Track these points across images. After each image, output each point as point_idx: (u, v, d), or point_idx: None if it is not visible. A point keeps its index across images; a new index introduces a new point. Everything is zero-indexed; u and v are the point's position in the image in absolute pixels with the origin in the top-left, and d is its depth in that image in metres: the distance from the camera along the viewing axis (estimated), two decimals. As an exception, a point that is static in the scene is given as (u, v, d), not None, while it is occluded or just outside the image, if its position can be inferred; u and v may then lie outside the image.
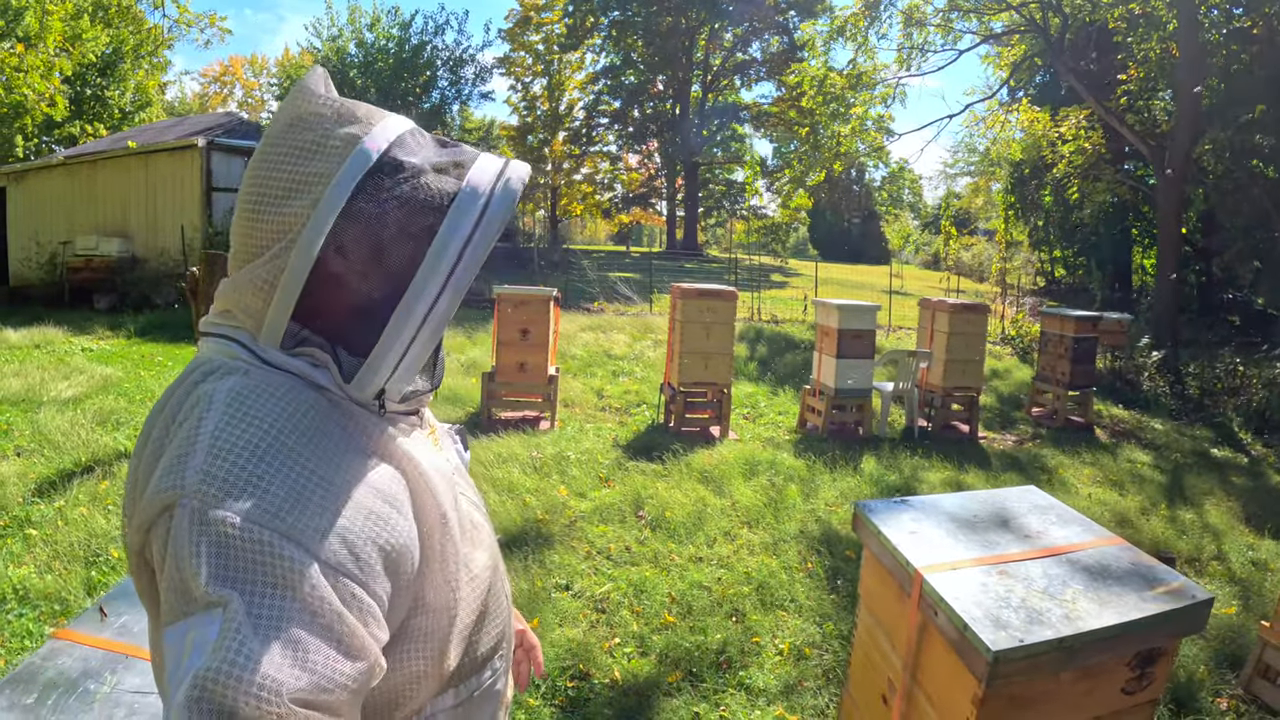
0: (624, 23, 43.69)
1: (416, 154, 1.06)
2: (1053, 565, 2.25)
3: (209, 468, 0.88)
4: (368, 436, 1.04)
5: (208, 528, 0.84)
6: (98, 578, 4.66)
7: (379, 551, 0.95)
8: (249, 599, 0.82)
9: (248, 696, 0.78)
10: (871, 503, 2.59)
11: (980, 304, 9.85)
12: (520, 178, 1.09)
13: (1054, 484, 7.83)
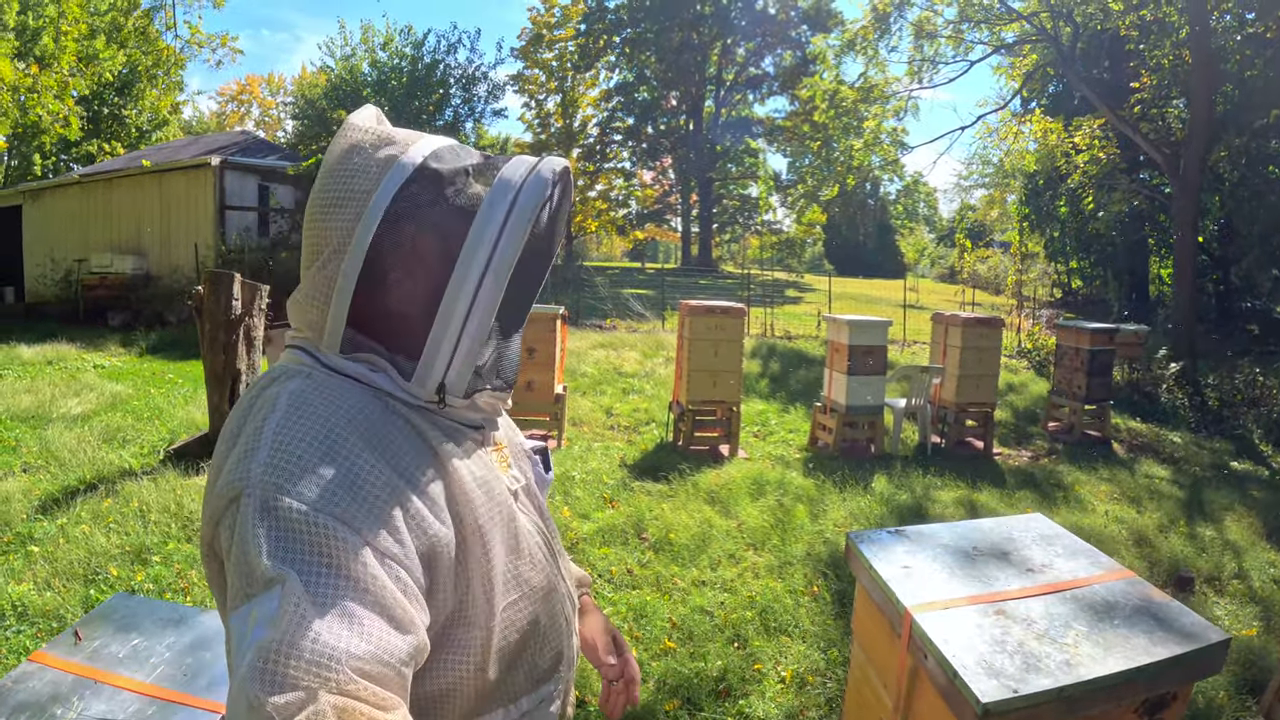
0: (637, 39, 43.82)
1: (452, 163, 1.15)
2: (1055, 603, 2.10)
3: (271, 460, 0.97)
4: (421, 439, 1.12)
5: (269, 514, 0.93)
6: (96, 596, 4.64)
7: (418, 546, 1.02)
8: (306, 576, 0.89)
9: (310, 664, 0.84)
10: (864, 533, 2.47)
11: (994, 318, 9.73)
12: (552, 168, 1.17)
13: (1070, 501, 7.68)
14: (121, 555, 5.22)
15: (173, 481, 6.59)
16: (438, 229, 1.11)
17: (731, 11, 43.70)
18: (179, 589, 4.80)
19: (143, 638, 2.34)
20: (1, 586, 4.68)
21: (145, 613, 2.50)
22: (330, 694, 0.83)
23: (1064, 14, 17.86)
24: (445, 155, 1.16)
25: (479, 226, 1.10)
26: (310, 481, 0.95)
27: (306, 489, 0.94)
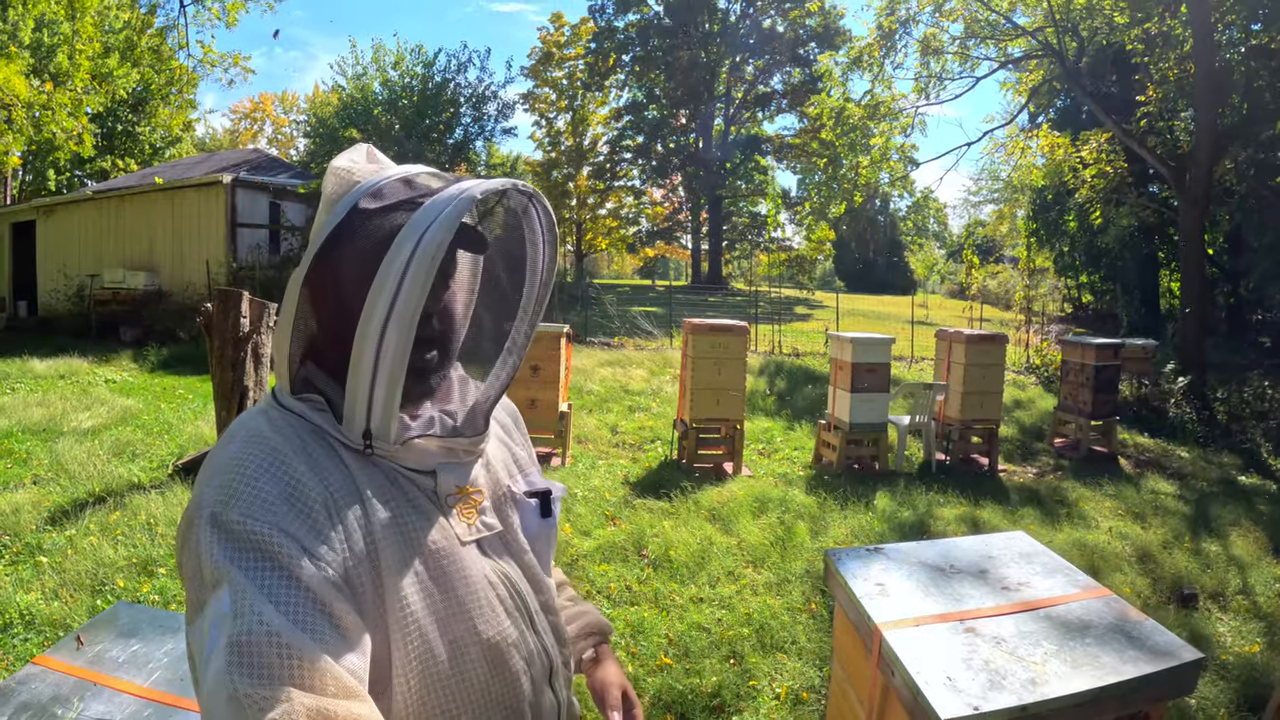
0: (645, 58, 43.98)
1: (387, 198, 1.15)
2: (1028, 621, 2.11)
3: (222, 483, 1.03)
4: (350, 478, 1.12)
5: (217, 528, 0.99)
6: (102, 606, 4.70)
7: (342, 565, 1.04)
8: (251, 575, 0.95)
9: (275, 650, 0.90)
10: (842, 551, 2.50)
11: (999, 334, 9.74)
12: (470, 196, 1.12)
13: (1073, 517, 7.67)
14: (128, 567, 5.29)
15: (180, 495, 6.67)
16: (358, 271, 1.12)
17: (740, 30, 43.84)
18: (183, 600, 4.84)
19: (142, 644, 2.39)
20: (10, 595, 4.76)
21: (145, 620, 2.54)
22: (299, 690, 0.90)
23: (1069, 29, 17.88)
24: (386, 191, 1.16)
25: (383, 270, 1.09)
26: (254, 498, 1.01)
27: (250, 505, 1.00)
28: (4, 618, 4.52)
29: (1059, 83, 20.64)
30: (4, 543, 5.72)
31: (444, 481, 1.21)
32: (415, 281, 1.07)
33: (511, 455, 1.43)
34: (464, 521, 1.22)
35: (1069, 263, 30.22)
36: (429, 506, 1.18)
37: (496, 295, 1.39)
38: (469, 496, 1.24)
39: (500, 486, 1.33)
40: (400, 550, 1.11)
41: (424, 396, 1.23)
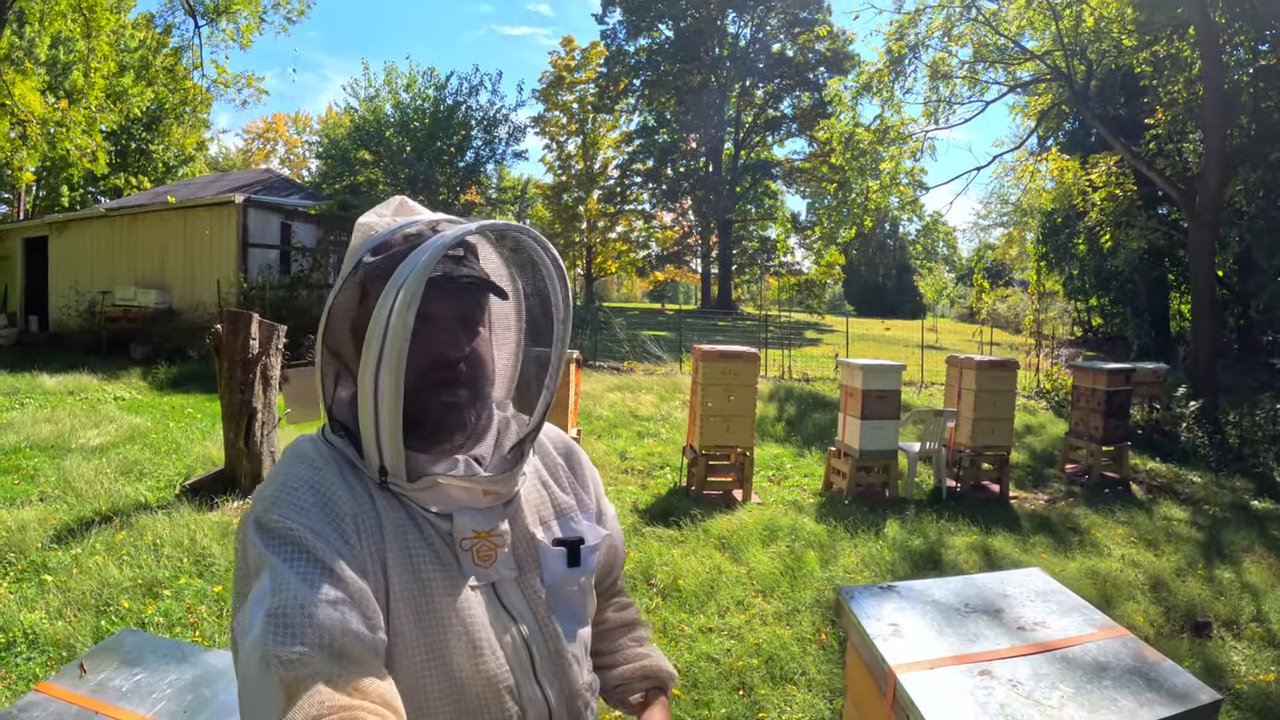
0: (656, 82, 44.16)
1: (385, 251, 1.25)
2: (1044, 663, 2.06)
3: (267, 494, 1.18)
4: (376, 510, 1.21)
5: (261, 528, 1.13)
6: (107, 627, 4.69)
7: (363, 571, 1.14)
8: (288, 562, 1.08)
9: (304, 620, 1.02)
10: (855, 589, 2.45)
11: (1009, 360, 9.71)
12: (438, 245, 1.18)
13: (1085, 545, 7.62)
14: (133, 588, 5.28)
15: (187, 517, 6.65)
16: (354, 323, 1.27)
17: (750, 54, 44.04)
18: (188, 623, 4.84)
19: (146, 673, 2.36)
20: (14, 614, 4.76)
21: (150, 649, 2.53)
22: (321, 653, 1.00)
23: (1077, 52, 17.90)
24: (387, 244, 1.26)
25: (373, 320, 1.17)
26: (293, 505, 1.14)
27: (289, 510, 1.13)
28: (7, 636, 4.51)
29: (1068, 106, 20.67)
30: (9, 560, 5.71)
31: (460, 525, 1.25)
32: (396, 330, 1.15)
33: (551, 500, 1.44)
34: (478, 565, 1.25)
35: (1078, 286, 30.15)
36: (443, 548, 1.23)
37: (518, 336, 1.48)
38: (487, 541, 1.27)
39: (525, 532, 1.34)
40: (407, 584, 1.18)
41: (446, 437, 1.28)
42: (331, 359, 1.29)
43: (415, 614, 1.17)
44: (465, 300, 1.29)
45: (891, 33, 19.40)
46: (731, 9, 43.31)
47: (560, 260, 1.37)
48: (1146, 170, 16.90)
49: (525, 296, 1.46)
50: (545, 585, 1.33)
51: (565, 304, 1.38)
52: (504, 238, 1.40)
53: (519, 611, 1.28)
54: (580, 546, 1.38)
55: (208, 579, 5.55)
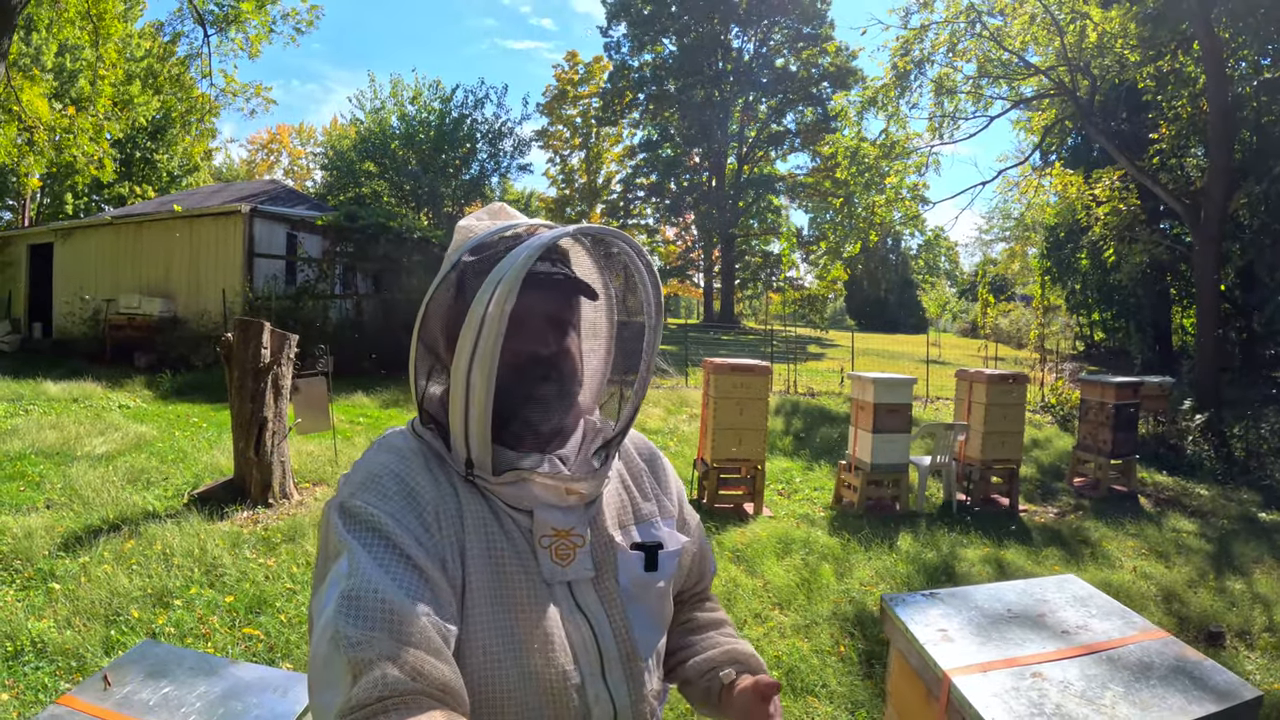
0: (660, 96, 44.28)
1: (483, 252, 1.28)
2: (1091, 665, 2.10)
3: (354, 479, 1.22)
4: (459, 501, 1.25)
5: (344, 513, 1.17)
6: (116, 637, 4.63)
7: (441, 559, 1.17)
8: (367, 546, 1.12)
9: (377, 602, 1.05)
10: (899, 596, 2.46)
11: (1019, 374, 9.70)
12: (535, 245, 1.21)
13: (1097, 558, 7.60)
14: (143, 597, 5.21)
15: (196, 526, 6.59)
16: (455, 319, 1.27)
17: (753, 69, 44.14)
18: (200, 634, 4.79)
19: (173, 686, 2.30)
20: (21, 622, 4.69)
21: (174, 661, 2.46)
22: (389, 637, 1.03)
23: (1080, 67, 17.94)
24: (484, 246, 1.29)
25: (468, 318, 1.20)
26: (377, 492, 1.18)
27: (372, 496, 1.17)
28: (15, 644, 4.45)
29: (1071, 121, 20.70)
30: (15, 567, 5.64)
31: (540, 522, 1.27)
32: (490, 327, 1.18)
33: (631, 503, 1.45)
34: (556, 563, 1.26)
35: (1081, 300, 30.15)
36: (522, 543, 1.25)
37: (608, 341, 1.49)
38: (566, 539, 1.28)
39: (604, 534, 1.35)
40: (486, 575, 1.20)
41: (533, 434, 1.30)
42: (425, 354, 1.32)
43: (491, 605, 1.19)
44: (557, 300, 1.32)
45: (897, 48, 19.45)
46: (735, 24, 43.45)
47: (654, 267, 1.38)
48: (1151, 185, 16.93)
49: (617, 302, 1.47)
50: (621, 588, 1.33)
51: (657, 311, 1.39)
52: (600, 242, 1.40)
53: (592, 612, 1.28)
54: (659, 552, 1.38)
55: (219, 589, 5.49)
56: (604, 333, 1.48)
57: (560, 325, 1.32)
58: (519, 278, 1.18)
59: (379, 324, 19.75)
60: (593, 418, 1.44)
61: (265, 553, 6.25)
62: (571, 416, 1.36)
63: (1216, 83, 15.02)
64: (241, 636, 4.80)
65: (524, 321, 1.26)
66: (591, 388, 1.47)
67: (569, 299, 1.34)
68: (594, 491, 1.33)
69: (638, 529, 1.40)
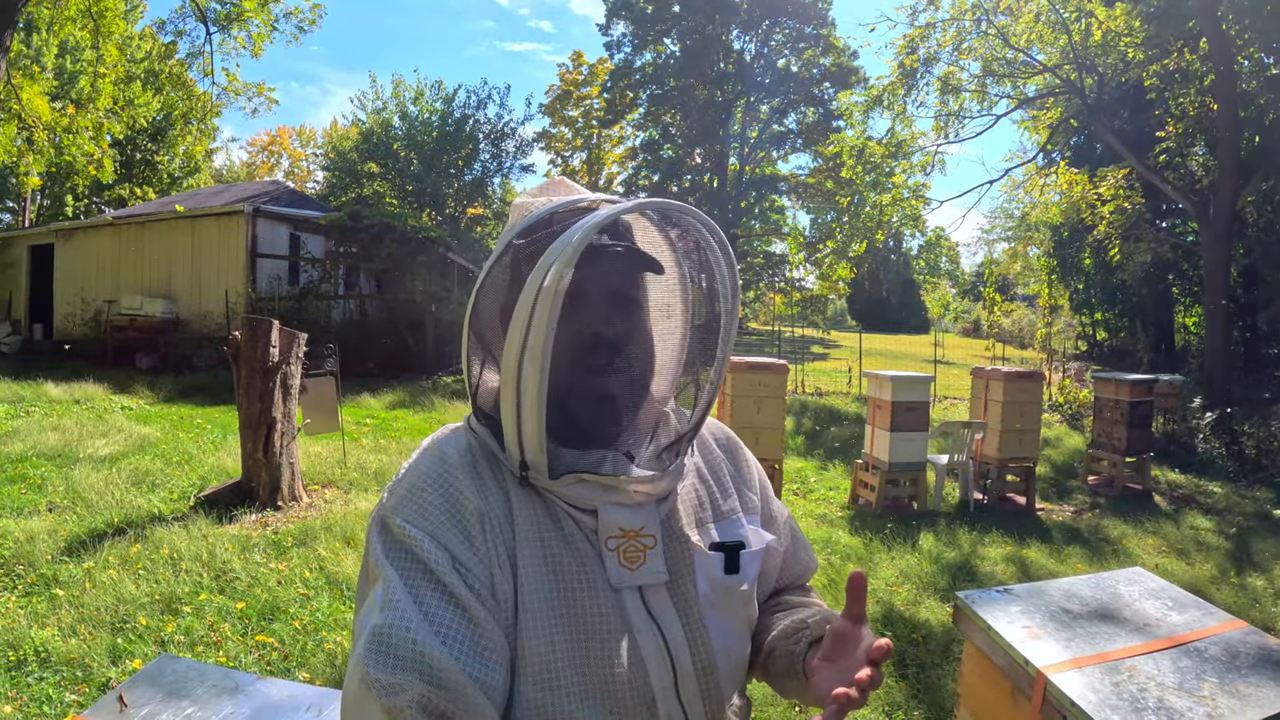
0: (661, 97, 44.17)
1: (534, 233, 1.16)
2: (1180, 657, 2.05)
3: (399, 490, 1.14)
4: (510, 504, 1.15)
5: (384, 530, 1.11)
6: (124, 645, 4.50)
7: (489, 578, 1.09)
8: (404, 574, 1.04)
9: (409, 645, 0.98)
10: (974, 593, 2.38)
11: (1035, 371, 9.64)
12: (593, 223, 1.09)
13: (1119, 555, 7.53)
14: (151, 604, 5.08)
15: (204, 529, 6.48)
16: (501, 309, 1.21)
17: (754, 69, 44.06)
18: (211, 642, 4.65)
19: (196, 707, 2.15)
20: (24, 630, 4.56)
21: (195, 677, 2.32)
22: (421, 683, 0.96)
23: (1087, 66, 17.89)
24: (536, 226, 1.17)
25: (519, 306, 1.10)
26: (418, 506, 1.10)
27: (412, 512, 1.10)
28: (18, 654, 4.31)
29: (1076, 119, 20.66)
30: (17, 572, 5.52)
31: (605, 522, 1.16)
32: (541, 315, 1.07)
33: (709, 499, 1.32)
34: (624, 566, 1.15)
35: (1084, 300, 30.14)
36: (584, 546, 1.15)
37: (682, 326, 1.35)
38: (635, 540, 1.17)
39: (679, 534, 1.23)
40: (541, 583, 1.11)
41: (597, 430, 1.19)
42: (477, 344, 1.22)
43: (549, 617, 1.10)
44: (619, 276, 1.20)
45: (903, 46, 19.38)
46: (736, 25, 43.36)
47: (727, 244, 1.25)
48: (1159, 183, 16.88)
49: (688, 283, 1.33)
50: (699, 593, 1.20)
51: (733, 292, 1.25)
52: (667, 218, 1.27)
53: (666, 620, 1.16)
54: (740, 552, 1.25)
55: (230, 595, 5.36)
56: (678, 314, 1.34)
57: (626, 303, 1.21)
58: (572, 260, 1.06)
59: (383, 324, 19.72)
60: (664, 409, 1.32)
61: (276, 557, 6.13)
62: (640, 407, 1.25)
63: (1225, 80, 14.95)
64: (255, 644, 4.68)
65: (584, 299, 1.16)
66: (666, 376, 1.34)
67: (634, 274, 1.23)
68: (664, 490, 1.21)
69: (717, 527, 1.28)
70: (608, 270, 1.17)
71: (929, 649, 4.99)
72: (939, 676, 4.62)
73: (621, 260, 1.19)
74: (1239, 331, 23.51)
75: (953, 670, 4.67)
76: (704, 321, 1.30)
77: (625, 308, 1.21)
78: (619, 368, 1.18)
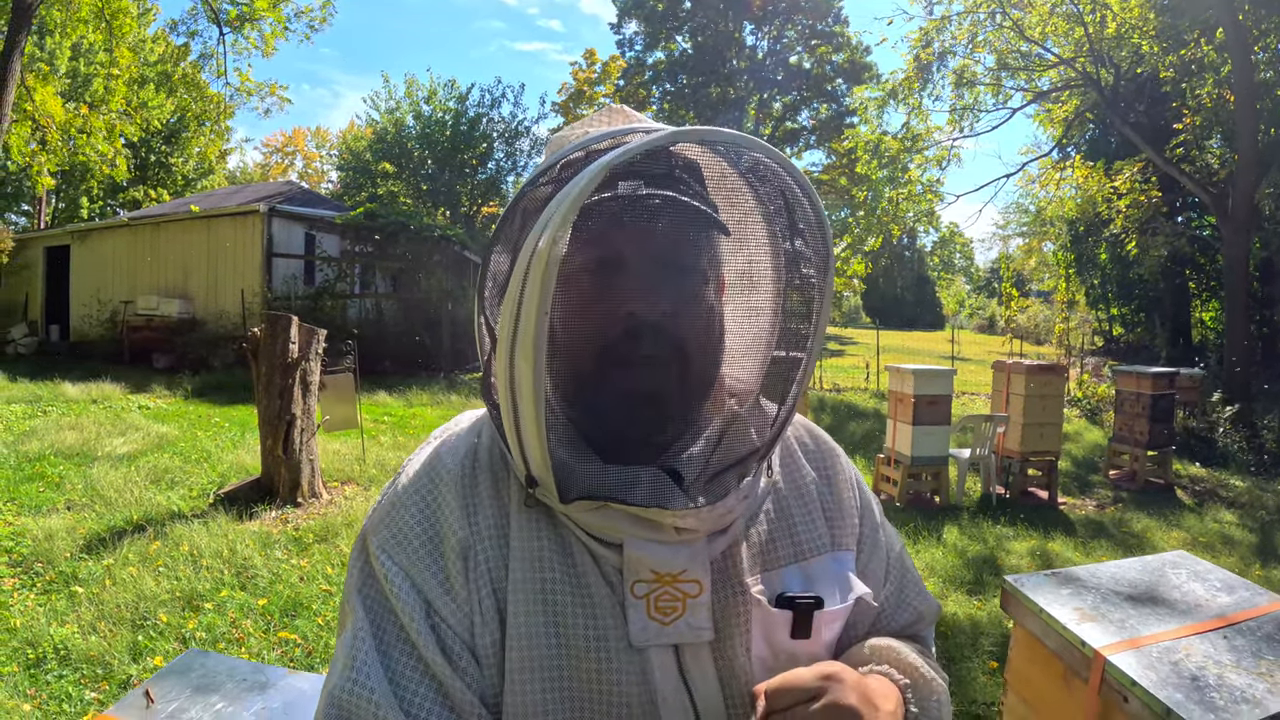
0: (674, 94, 44.16)
1: (546, 181, 0.92)
2: (1235, 636, 2.03)
3: (383, 505, 0.99)
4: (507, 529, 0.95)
5: (361, 554, 0.96)
6: (144, 643, 4.49)
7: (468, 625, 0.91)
8: (374, 622, 0.90)
9: (369, 712, 0.84)
10: (1023, 577, 2.38)
11: (1057, 364, 9.56)
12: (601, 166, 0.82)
13: (1144, 549, 7.41)
14: (171, 601, 5.07)
15: (224, 526, 6.48)
16: (500, 287, 0.92)
17: (767, 66, 44.02)
18: (233, 639, 4.63)
19: (225, 701, 2.09)
20: (43, 628, 4.56)
21: (224, 672, 2.26)
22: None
23: (1103, 58, 17.77)
24: (554, 170, 0.92)
25: (510, 284, 0.86)
26: (396, 531, 0.94)
27: (389, 538, 0.94)
28: (37, 651, 4.31)
29: (1092, 112, 20.53)
30: (36, 570, 5.54)
31: (632, 559, 0.91)
32: (532, 294, 0.82)
33: (788, 532, 1.03)
34: (653, 618, 0.91)
35: (1100, 295, 29.99)
36: (600, 587, 0.92)
37: (763, 299, 1.01)
38: (673, 585, 0.91)
39: (735, 580, 0.96)
40: (535, 638, 0.89)
41: (633, 444, 0.92)
42: (485, 326, 0.96)
43: (544, 679, 0.89)
44: (664, 235, 0.90)
45: (918, 39, 19.27)
46: (749, 21, 43.32)
47: (813, 190, 0.95)
48: (1177, 175, 16.74)
49: (764, 242, 1.00)
50: (752, 659, 0.94)
51: (826, 258, 0.95)
52: (737, 155, 0.96)
53: (704, 691, 0.92)
54: (815, 612, 0.95)
55: (251, 592, 5.35)
56: (753, 284, 1.01)
57: (677, 271, 0.91)
58: (567, 220, 0.82)
59: (399, 323, 19.73)
60: (732, 408, 0.98)
61: (297, 553, 6.11)
62: (701, 411, 0.97)
63: (1243, 70, 14.81)
64: (277, 641, 4.66)
65: (618, 268, 0.90)
66: (738, 367, 1.02)
67: (681, 233, 0.90)
68: (722, 525, 0.94)
69: (789, 573, 0.99)
70: (647, 224, 0.89)
71: (957, 642, 4.93)
72: (968, 670, 4.56)
73: (665, 215, 0.90)
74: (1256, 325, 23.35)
75: (982, 664, 4.62)
76: (790, 293, 0.98)
77: (675, 278, 0.91)
78: (665, 359, 0.89)
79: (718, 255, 0.98)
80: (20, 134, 15.08)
